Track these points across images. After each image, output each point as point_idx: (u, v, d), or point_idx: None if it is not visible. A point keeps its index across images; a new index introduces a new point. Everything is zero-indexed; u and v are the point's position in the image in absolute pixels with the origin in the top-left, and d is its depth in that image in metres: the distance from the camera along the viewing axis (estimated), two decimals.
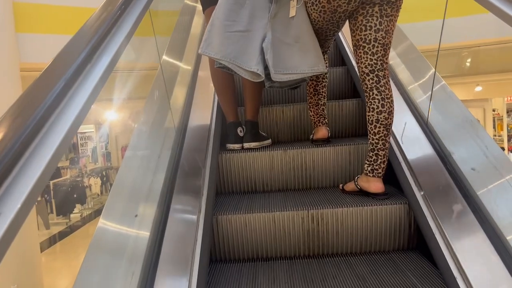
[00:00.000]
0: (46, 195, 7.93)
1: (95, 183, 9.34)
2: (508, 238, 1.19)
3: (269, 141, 2.12)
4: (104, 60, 0.97)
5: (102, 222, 1.21)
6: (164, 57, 2.05)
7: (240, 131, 2.02)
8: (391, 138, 1.86)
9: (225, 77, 1.99)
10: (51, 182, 8.08)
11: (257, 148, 1.96)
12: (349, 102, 2.25)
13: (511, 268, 1.13)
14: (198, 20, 3.04)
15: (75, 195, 8.39)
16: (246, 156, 1.91)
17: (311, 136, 2.04)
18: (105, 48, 1.00)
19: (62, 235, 7.77)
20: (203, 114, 2.10)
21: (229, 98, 2.03)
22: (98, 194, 9.49)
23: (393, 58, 2.31)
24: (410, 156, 1.72)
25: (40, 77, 0.82)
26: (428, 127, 1.77)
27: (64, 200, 8.17)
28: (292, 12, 1.65)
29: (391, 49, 1.61)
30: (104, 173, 9.96)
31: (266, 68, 1.68)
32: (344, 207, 1.56)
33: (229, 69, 1.76)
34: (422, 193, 1.54)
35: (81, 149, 10.48)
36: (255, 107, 2.04)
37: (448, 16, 1.66)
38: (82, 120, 0.81)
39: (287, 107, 2.28)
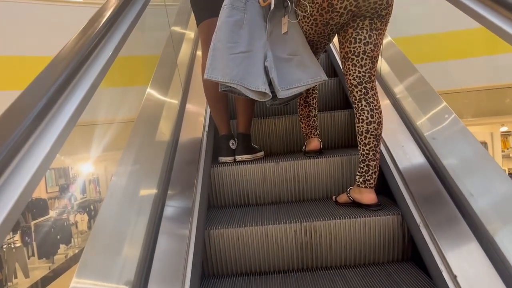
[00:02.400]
0: (26, 237, 7.03)
1: (82, 220, 8.30)
2: (500, 246, 1.19)
3: (262, 153, 2.12)
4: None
5: (92, 237, 1.20)
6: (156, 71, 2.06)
7: (232, 143, 2.01)
8: (382, 148, 1.87)
9: (217, 90, 1.99)
10: (32, 223, 7.21)
11: (250, 161, 1.96)
12: (341, 113, 2.26)
13: (504, 276, 1.12)
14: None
15: (58, 237, 7.41)
16: (238, 168, 1.90)
17: (303, 148, 2.03)
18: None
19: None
20: (195, 127, 2.10)
21: (221, 111, 2.03)
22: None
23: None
24: (402, 165, 1.72)
25: None
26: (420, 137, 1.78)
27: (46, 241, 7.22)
28: (284, 29, 1.66)
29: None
30: (92, 206, 8.80)
31: (270, 86, 1.68)
32: (337, 219, 1.55)
33: (232, 91, 1.75)
34: (414, 203, 1.54)
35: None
36: (248, 119, 2.04)
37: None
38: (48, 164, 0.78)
39: (280, 119, 2.28)
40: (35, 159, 0.74)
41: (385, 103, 2.11)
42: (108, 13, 1.23)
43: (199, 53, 2.82)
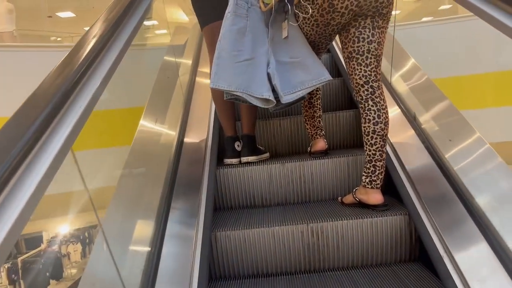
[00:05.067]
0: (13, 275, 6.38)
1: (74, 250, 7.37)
2: (509, 244, 1.17)
3: (267, 154, 2.11)
4: None
5: (97, 243, 1.20)
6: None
7: (238, 145, 2.01)
8: (388, 148, 1.86)
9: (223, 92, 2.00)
10: (19, 259, 6.50)
11: (255, 162, 1.95)
12: (346, 113, 2.25)
13: None
14: None
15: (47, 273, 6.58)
16: (244, 170, 1.90)
17: (309, 149, 2.03)
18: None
19: None
20: (200, 129, 2.10)
21: (229, 114, 2.03)
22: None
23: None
24: (408, 165, 1.71)
25: None
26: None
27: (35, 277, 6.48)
28: (284, 33, 1.66)
29: None
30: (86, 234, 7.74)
31: (274, 91, 1.68)
32: (344, 219, 1.54)
33: (237, 98, 1.75)
34: (422, 203, 1.53)
35: None
36: (252, 121, 2.04)
37: None
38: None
39: (285, 120, 2.27)
40: None
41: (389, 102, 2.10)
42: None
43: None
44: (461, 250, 1.30)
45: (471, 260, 1.27)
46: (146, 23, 1.83)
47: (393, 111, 2.04)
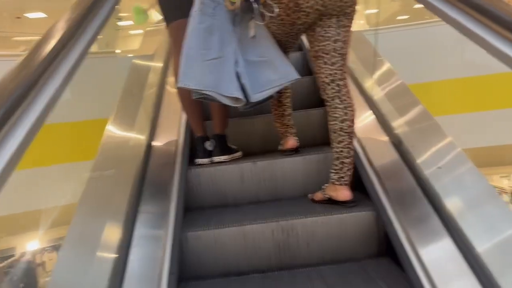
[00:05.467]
0: None
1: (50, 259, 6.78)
2: (472, 242, 1.21)
3: (240, 153, 2.11)
4: None
5: (65, 243, 1.18)
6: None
7: (209, 145, 2.00)
8: (356, 144, 1.89)
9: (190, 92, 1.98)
10: None
11: (227, 161, 1.95)
12: (317, 111, 2.28)
13: (477, 270, 1.15)
14: None
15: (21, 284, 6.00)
16: (215, 170, 1.89)
17: (280, 147, 2.04)
18: None
19: None
20: (170, 129, 2.08)
21: (196, 113, 2.01)
22: None
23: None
24: (376, 162, 1.74)
25: None
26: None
27: None
28: (251, 33, 1.66)
29: None
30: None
31: (243, 90, 1.68)
32: (313, 216, 1.56)
33: (206, 98, 1.74)
34: (389, 199, 1.56)
35: None
36: (223, 120, 2.03)
37: None
38: None
39: (257, 118, 2.28)
40: None
41: (358, 99, 2.13)
42: None
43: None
44: (425, 245, 1.33)
45: (435, 254, 1.30)
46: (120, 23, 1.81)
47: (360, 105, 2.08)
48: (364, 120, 2.05)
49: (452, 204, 1.36)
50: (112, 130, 1.81)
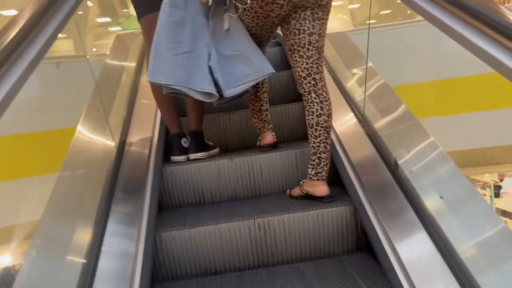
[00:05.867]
0: None
1: None
2: (447, 235, 1.20)
3: (217, 150, 2.08)
4: None
5: (33, 244, 1.13)
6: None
7: (185, 142, 1.96)
8: (334, 138, 1.87)
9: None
10: None
11: (203, 158, 1.91)
12: (295, 105, 2.25)
13: (451, 263, 1.14)
14: None
15: None
16: (191, 167, 1.85)
17: (257, 143, 2.01)
18: None
19: None
20: (145, 125, 2.02)
21: (170, 109, 1.96)
22: None
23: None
24: (353, 157, 1.73)
25: None
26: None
27: None
28: (225, 25, 1.62)
29: None
30: None
31: (216, 85, 1.63)
32: (290, 212, 1.54)
33: (177, 93, 1.70)
34: (366, 194, 1.55)
35: None
36: (198, 116, 1.98)
37: None
38: None
39: (234, 114, 2.24)
40: None
41: (334, 92, 2.11)
42: None
43: None
44: (401, 239, 1.33)
45: (411, 248, 1.30)
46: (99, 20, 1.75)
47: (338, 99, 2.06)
48: (341, 114, 2.04)
49: (427, 198, 1.35)
50: (83, 129, 1.75)
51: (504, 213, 5.76)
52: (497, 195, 6.03)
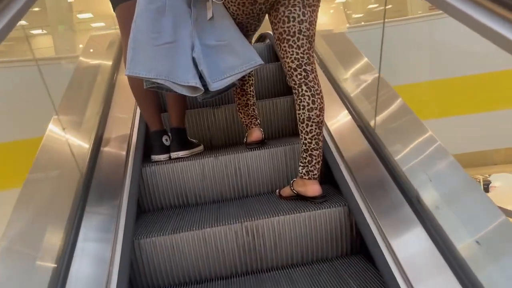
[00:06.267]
0: None
1: None
2: (449, 236, 1.12)
3: (201, 147, 1.95)
4: None
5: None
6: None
7: (166, 139, 1.83)
8: (326, 135, 1.77)
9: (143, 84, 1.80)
10: None
11: (186, 157, 1.79)
12: (284, 99, 2.14)
13: (452, 264, 1.05)
14: None
15: None
16: (173, 167, 1.73)
17: (244, 140, 1.89)
18: None
19: None
20: (122, 123, 1.89)
21: (151, 104, 1.83)
22: None
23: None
24: (347, 154, 1.63)
25: None
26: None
27: None
28: (209, 14, 1.50)
29: None
30: None
31: (201, 78, 1.51)
32: (281, 215, 1.43)
33: (159, 87, 1.57)
34: (361, 193, 1.45)
35: None
36: (180, 112, 1.85)
37: None
38: None
39: (219, 109, 2.12)
40: None
41: (326, 87, 2.01)
42: None
43: None
44: (399, 240, 1.24)
45: (409, 248, 1.21)
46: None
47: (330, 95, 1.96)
48: (334, 108, 1.93)
49: (425, 194, 1.26)
50: (55, 127, 1.61)
51: None
52: (486, 189, 6.14)
